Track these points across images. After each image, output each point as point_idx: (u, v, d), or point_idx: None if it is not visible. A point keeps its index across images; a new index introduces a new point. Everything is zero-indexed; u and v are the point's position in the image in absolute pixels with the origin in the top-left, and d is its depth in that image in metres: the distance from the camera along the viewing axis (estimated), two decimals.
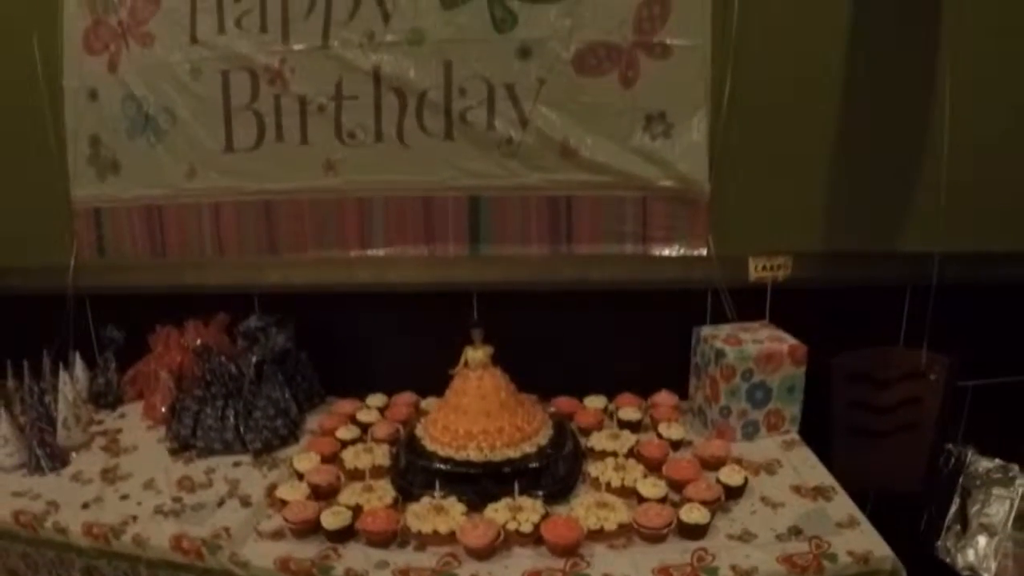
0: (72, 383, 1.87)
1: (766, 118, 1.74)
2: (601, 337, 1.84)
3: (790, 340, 1.65)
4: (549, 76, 1.73)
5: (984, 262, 1.79)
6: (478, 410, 1.49)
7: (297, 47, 1.80)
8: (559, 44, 1.71)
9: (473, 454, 1.44)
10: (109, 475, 1.62)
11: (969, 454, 1.79)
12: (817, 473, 1.51)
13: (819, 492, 1.43)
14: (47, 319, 2.12)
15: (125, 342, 2.05)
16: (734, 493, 1.40)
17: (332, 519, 1.32)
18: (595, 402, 1.79)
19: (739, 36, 1.69)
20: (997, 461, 1.75)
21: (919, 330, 1.80)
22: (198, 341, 1.86)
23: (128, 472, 1.63)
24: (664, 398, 1.80)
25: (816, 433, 1.69)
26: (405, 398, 1.85)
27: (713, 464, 1.50)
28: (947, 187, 1.73)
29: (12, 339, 2.10)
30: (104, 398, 2.02)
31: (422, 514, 1.32)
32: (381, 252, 1.87)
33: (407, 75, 1.76)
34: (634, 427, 1.68)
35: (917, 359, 1.81)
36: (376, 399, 1.85)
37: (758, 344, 1.63)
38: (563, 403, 1.78)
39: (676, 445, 1.60)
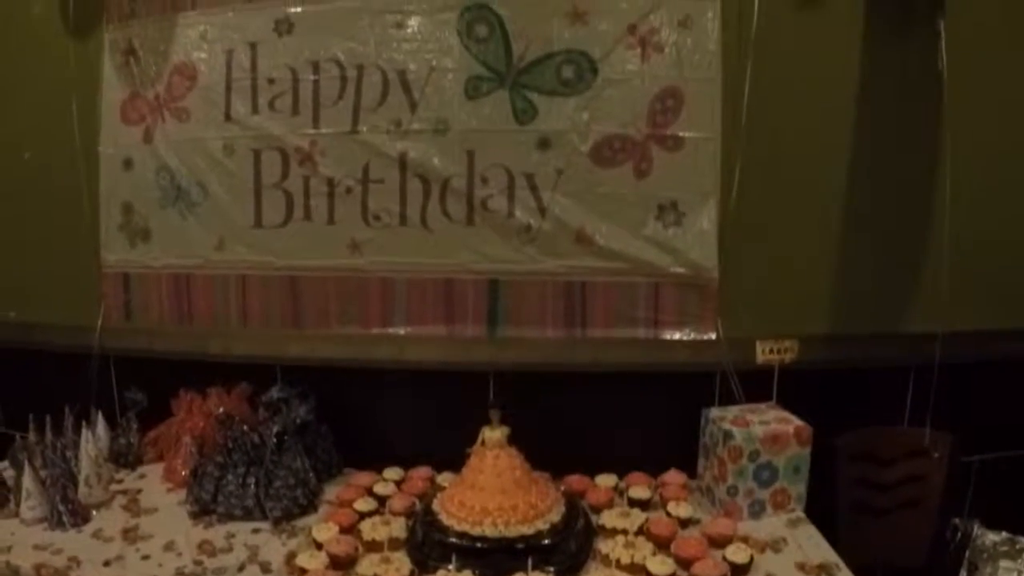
0: (94, 441, 1.90)
1: (773, 206, 1.82)
2: (613, 417, 1.88)
3: (796, 421, 1.69)
4: (567, 167, 1.80)
5: (986, 339, 1.84)
6: (494, 487, 1.53)
7: (327, 131, 1.88)
8: (577, 136, 1.79)
9: (488, 530, 1.48)
10: (130, 534, 1.65)
11: (975, 528, 1.79)
12: (822, 550, 1.54)
13: (824, 569, 1.46)
14: (71, 377, 2.18)
15: (147, 404, 2.09)
16: (740, 571, 1.44)
17: None
18: (606, 480, 1.82)
19: (748, 128, 1.77)
20: (1004, 534, 1.75)
21: (922, 408, 1.85)
22: (221, 409, 1.91)
23: (149, 533, 1.66)
24: (673, 477, 1.83)
25: (821, 511, 1.72)
26: (421, 472, 1.88)
27: (720, 542, 1.53)
28: (949, 268, 1.79)
29: (36, 394, 2.16)
30: (124, 458, 2.05)
31: None
32: (402, 331, 1.92)
33: (432, 162, 1.83)
34: (644, 505, 1.71)
35: (920, 437, 1.85)
36: (393, 472, 1.88)
37: (765, 425, 1.67)
38: (575, 481, 1.81)
39: (684, 523, 1.63)
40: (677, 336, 1.87)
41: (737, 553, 1.46)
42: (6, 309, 2.35)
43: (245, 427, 1.82)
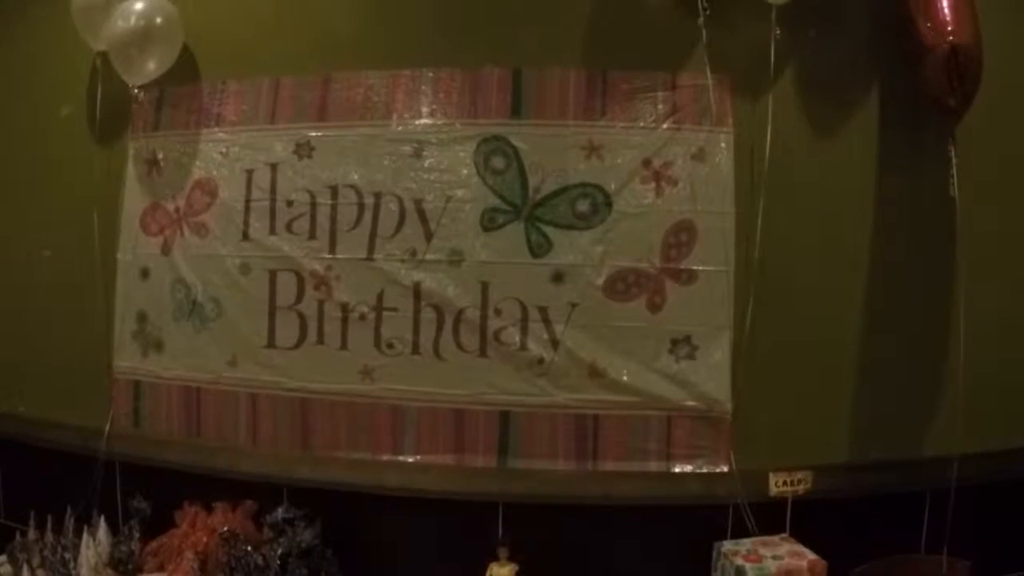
0: (94, 546, 1.89)
1: (787, 338, 1.81)
2: (623, 550, 1.85)
3: (810, 555, 1.67)
4: (581, 300, 1.81)
5: (1001, 460, 1.82)
6: None
7: (343, 256, 1.90)
8: (591, 270, 1.81)
9: None
10: None
11: None
12: None
13: None
14: (76, 477, 2.16)
15: (151, 513, 2.07)
16: None
17: None
18: None
19: (761, 260, 1.78)
20: None
21: (939, 534, 1.81)
22: (225, 527, 1.89)
23: None
24: None
25: None
26: None
27: None
28: (964, 392, 1.77)
29: (39, 490, 2.16)
30: (124, 566, 2.01)
31: None
32: (411, 459, 1.91)
33: (446, 292, 1.85)
34: None
35: (938, 565, 1.80)
36: None
37: (778, 560, 1.64)
38: None
39: None
40: (689, 469, 1.84)
41: None
42: (16, 403, 2.36)
43: (249, 547, 1.81)
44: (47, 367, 2.29)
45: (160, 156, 2.09)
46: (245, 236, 1.97)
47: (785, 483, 1.76)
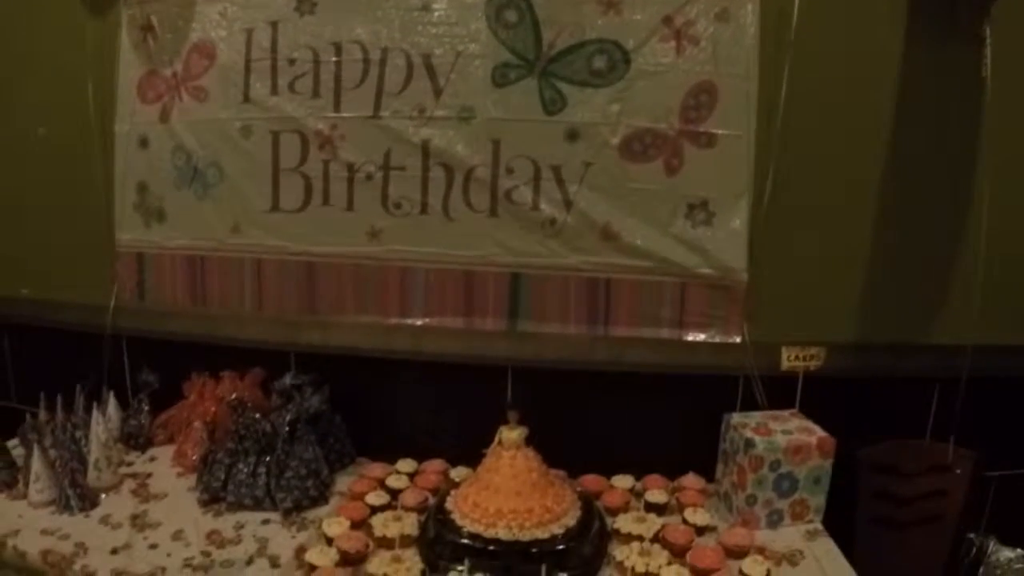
0: (104, 422, 1.88)
1: (806, 210, 1.76)
2: (631, 417, 1.85)
3: (819, 432, 1.65)
4: (595, 160, 1.75)
5: (1015, 354, 1.79)
6: (509, 489, 1.50)
7: (348, 115, 1.83)
8: (607, 129, 1.74)
9: (502, 533, 1.45)
10: (138, 521, 1.64)
11: (991, 544, 1.78)
12: (839, 566, 1.51)
13: None
14: (83, 356, 2.17)
15: (159, 386, 2.07)
16: None
17: None
18: (622, 482, 1.79)
19: (784, 128, 1.71)
20: (1019, 551, 1.75)
21: (946, 423, 1.80)
22: (233, 395, 1.89)
23: (157, 520, 1.64)
24: (691, 481, 1.80)
25: (839, 522, 1.69)
26: (435, 466, 1.85)
27: (737, 553, 1.50)
28: (982, 280, 1.73)
29: (47, 372, 2.15)
30: (135, 439, 2.04)
31: None
32: (419, 321, 1.89)
33: (455, 150, 1.78)
34: (660, 510, 1.68)
35: (943, 453, 1.81)
36: (406, 464, 1.86)
37: (787, 435, 1.63)
38: (590, 481, 1.78)
39: (701, 531, 1.60)
40: (702, 338, 1.82)
41: (754, 566, 1.43)
42: (19, 286, 2.34)
43: (257, 414, 1.79)
44: (49, 247, 2.27)
45: (155, 21, 2.00)
46: (246, 98, 1.90)
47: (797, 358, 1.73)
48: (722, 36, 1.72)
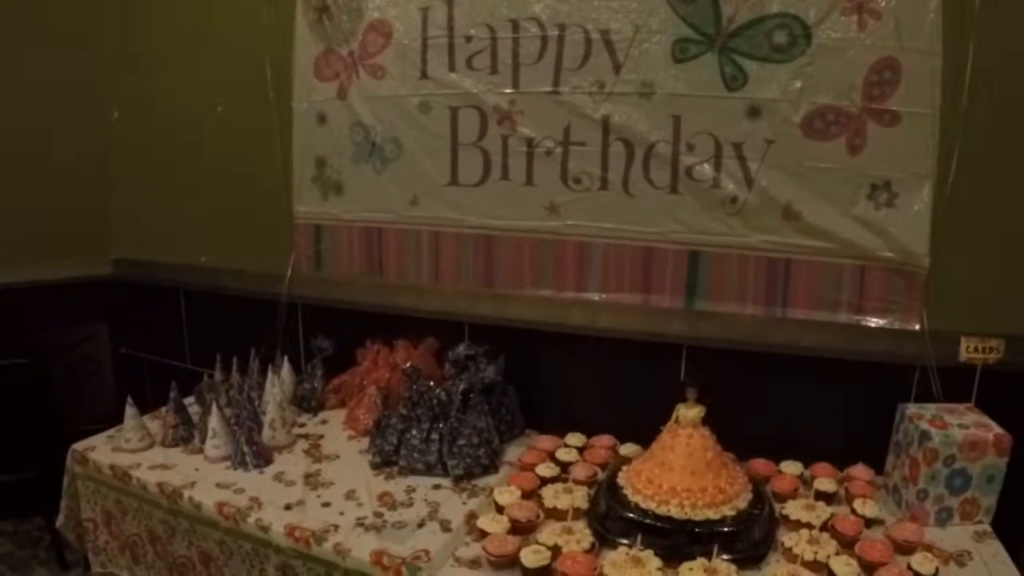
0: (279, 384, 1.99)
1: (992, 194, 1.66)
2: (803, 402, 1.81)
3: (996, 428, 1.57)
4: (777, 137, 1.71)
5: None
6: (683, 467, 1.50)
7: (527, 90, 1.85)
8: (788, 106, 1.69)
9: (674, 511, 1.45)
10: (311, 480, 1.71)
11: None
12: (1007, 571, 1.43)
13: None
14: (259, 322, 2.30)
15: (332, 352, 2.18)
16: None
17: (532, 557, 1.36)
18: (791, 468, 1.76)
19: (969, 107, 1.61)
20: None
21: None
22: (408, 363, 1.95)
23: (329, 480, 1.71)
24: (861, 472, 1.74)
25: (1007, 525, 1.60)
26: (604, 440, 1.87)
27: (905, 548, 1.45)
28: None
29: (223, 336, 2.30)
30: (307, 402, 2.14)
31: (619, 563, 1.35)
32: (596, 297, 1.90)
33: (636, 126, 1.78)
34: (829, 499, 1.64)
35: None
36: (575, 438, 1.88)
37: (964, 429, 1.55)
38: (758, 465, 1.76)
39: (869, 523, 1.56)
40: (880, 324, 1.75)
41: (923, 563, 1.37)
42: (198, 254, 2.50)
43: (431, 382, 1.84)
44: (227, 218, 2.41)
45: (330, 1, 2.07)
46: (424, 75, 1.96)
47: (976, 349, 1.65)
48: (904, 9, 1.62)
